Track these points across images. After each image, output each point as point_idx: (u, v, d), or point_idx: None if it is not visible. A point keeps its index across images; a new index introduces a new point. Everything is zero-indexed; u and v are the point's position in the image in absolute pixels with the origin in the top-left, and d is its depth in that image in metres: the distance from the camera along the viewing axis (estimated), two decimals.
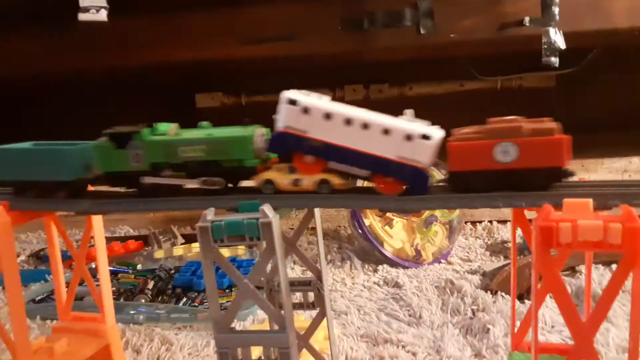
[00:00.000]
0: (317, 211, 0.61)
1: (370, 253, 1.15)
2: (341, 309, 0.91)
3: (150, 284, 0.99)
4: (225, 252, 1.08)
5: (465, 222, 1.33)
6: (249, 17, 1.05)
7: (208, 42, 1.12)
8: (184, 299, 0.95)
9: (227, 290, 0.95)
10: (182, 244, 1.30)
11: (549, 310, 0.84)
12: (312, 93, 0.53)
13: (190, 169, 0.55)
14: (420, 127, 0.51)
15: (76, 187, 0.59)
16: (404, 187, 0.52)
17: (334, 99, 0.53)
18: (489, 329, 0.80)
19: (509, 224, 1.30)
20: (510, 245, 1.18)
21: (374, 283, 1.03)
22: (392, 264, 1.11)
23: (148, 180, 0.55)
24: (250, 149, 0.54)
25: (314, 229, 0.63)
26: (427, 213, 1.13)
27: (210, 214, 0.47)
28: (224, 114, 1.47)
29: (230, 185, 0.56)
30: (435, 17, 0.99)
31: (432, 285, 0.99)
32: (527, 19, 0.91)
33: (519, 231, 0.61)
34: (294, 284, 0.59)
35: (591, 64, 1.51)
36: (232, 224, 0.46)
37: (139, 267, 1.13)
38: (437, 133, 0.51)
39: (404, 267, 1.10)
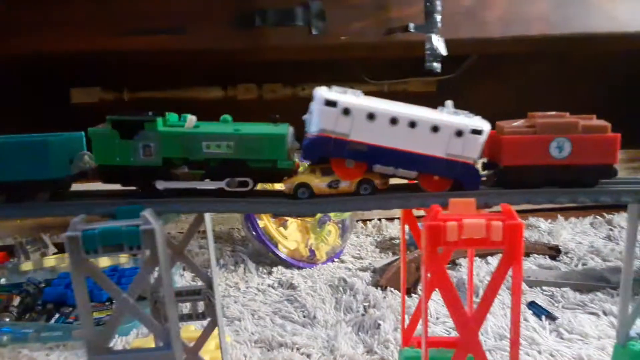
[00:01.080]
0: (207, 214, 0.58)
1: (265, 255, 1.13)
2: (234, 315, 0.88)
3: (16, 300, 0.88)
4: (105, 260, 0.99)
5: (357, 221, 1.36)
6: (132, 5, 0.97)
7: (84, 31, 1.02)
8: (56, 315, 0.85)
9: (107, 304, 0.87)
10: (54, 253, 1.18)
11: (434, 303, 0.88)
12: (347, 89, 0.49)
13: (212, 168, 0.48)
14: (468, 120, 0.49)
15: (60, 187, 0.50)
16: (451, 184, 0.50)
17: (226, 97, 0.50)
18: (379, 325, 0.82)
19: (396, 221, 1.36)
20: (398, 241, 1.23)
21: (269, 286, 1.01)
22: (287, 265, 1.10)
23: (163, 185, 0.47)
24: (285, 149, 0.49)
25: (205, 232, 0.60)
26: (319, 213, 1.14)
27: (80, 221, 0.41)
28: (103, 111, 1.36)
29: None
30: (327, 19, 0.99)
31: (326, 284, 0.99)
32: (411, 25, 0.95)
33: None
34: (182, 294, 0.55)
35: (468, 70, 1.63)
36: (108, 233, 0.41)
37: (2, 281, 1.00)
38: (486, 126, 0.49)
39: (299, 268, 1.09)
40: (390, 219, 1.38)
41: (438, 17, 0.91)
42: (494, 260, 1.08)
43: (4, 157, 0.47)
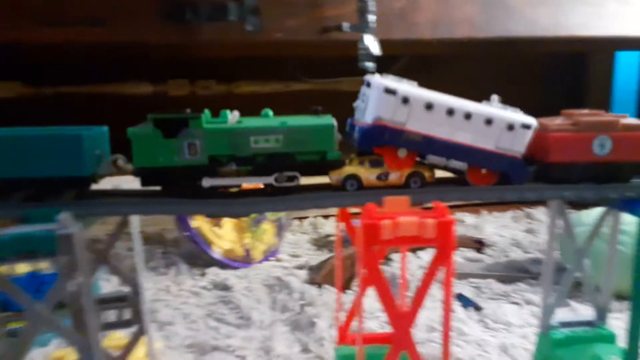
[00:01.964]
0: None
1: (198, 256, 1.09)
2: (165, 320, 0.84)
3: None
4: (23, 266, 0.92)
5: (293, 218, 1.36)
6: None
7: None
8: None
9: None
10: None
11: (368, 298, 0.89)
12: (402, 79, 0.48)
13: (260, 163, 0.47)
14: (517, 115, 0.50)
15: (88, 184, 0.46)
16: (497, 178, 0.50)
17: (155, 93, 0.48)
18: (315, 323, 0.82)
19: (332, 218, 1.36)
20: (334, 238, 1.24)
21: (202, 287, 0.98)
22: (222, 265, 1.07)
23: (210, 182, 0.45)
24: (334, 140, 0.48)
25: (139, 232, 0.57)
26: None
27: None
28: (22, 107, 1.26)
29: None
30: (261, 15, 0.98)
31: (261, 284, 0.98)
32: (345, 24, 0.95)
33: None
34: (106, 301, 0.52)
35: (402, 70, 1.67)
36: (19, 239, 0.38)
37: None
38: (534, 122, 0.50)
39: (234, 268, 1.07)
40: (326, 217, 1.39)
41: (371, 17, 0.93)
42: (424, 254, 1.11)
43: (30, 150, 0.44)
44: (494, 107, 0.50)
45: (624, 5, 1.02)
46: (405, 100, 0.47)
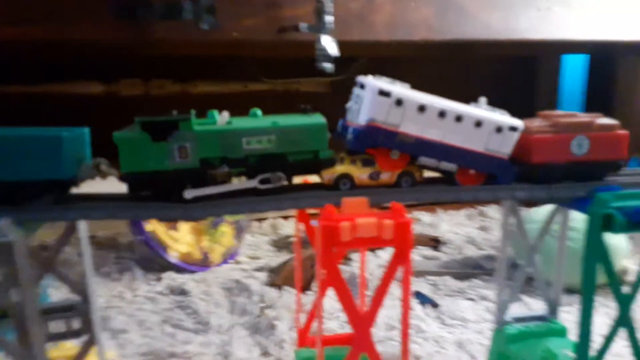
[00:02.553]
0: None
1: (154, 260, 1.06)
2: (119, 328, 0.81)
3: None
4: None
5: (252, 220, 1.34)
6: None
7: None
8: None
9: None
10: None
11: (328, 299, 0.89)
12: (395, 81, 0.48)
13: (252, 165, 0.46)
14: (505, 118, 0.51)
15: (68, 187, 0.45)
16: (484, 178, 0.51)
17: (107, 93, 0.46)
18: (275, 325, 0.81)
19: (291, 219, 1.36)
20: (293, 239, 1.23)
21: (158, 293, 0.96)
22: (178, 270, 1.05)
23: (193, 193, 0.44)
24: (326, 139, 0.48)
25: (92, 237, 0.54)
26: None
27: None
28: None
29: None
30: (217, 14, 0.96)
31: (220, 287, 0.96)
32: (303, 24, 0.95)
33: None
34: (54, 311, 0.49)
35: (359, 72, 1.68)
36: None
37: None
38: (521, 124, 0.51)
39: (191, 272, 1.05)
40: (286, 217, 1.38)
41: (328, 18, 0.92)
42: (383, 253, 1.12)
43: (6, 152, 0.42)
44: (482, 110, 0.51)
45: (569, 10, 1.06)
46: (399, 102, 0.48)
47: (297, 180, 0.51)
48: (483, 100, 0.53)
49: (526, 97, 1.72)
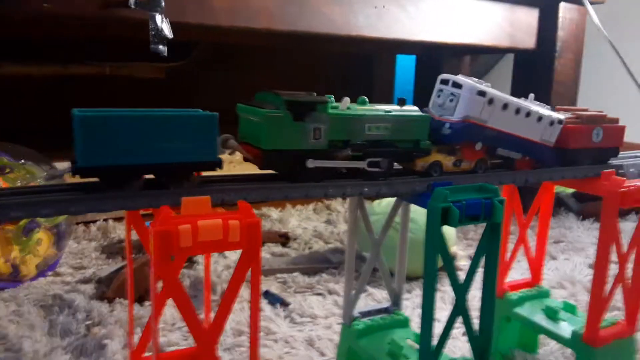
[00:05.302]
0: None
1: None
2: None
3: None
4: None
5: (77, 223, 1.17)
6: None
7: None
8: None
9: None
10: None
11: (169, 308, 0.81)
12: (474, 79, 0.54)
13: (369, 149, 0.49)
14: (553, 112, 0.61)
15: (215, 169, 0.43)
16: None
17: None
18: (105, 345, 0.71)
19: (124, 221, 1.22)
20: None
21: None
22: None
23: (316, 164, 0.46)
24: (427, 130, 0.53)
25: None
26: (24, 220, 0.93)
27: None
28: None
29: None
30: None
31: (35, 305, 0.82)
32: (132, 0, 0.84)
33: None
34: None
35: (199, 58, 1.59)
36: None
37: None
38: (564, 118, 0.61)
39: None
40: (118, 219, 1.24)
41: None
42: (231, 254, 1.07)
43: (158, 134, 0.40)
44: (536, 105, 0.60)
45: (402, 11, 1.11)
46: (491, 101, 0.55)
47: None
48: (532, 96, 0.61)
49: (366, 92, 1.81)
